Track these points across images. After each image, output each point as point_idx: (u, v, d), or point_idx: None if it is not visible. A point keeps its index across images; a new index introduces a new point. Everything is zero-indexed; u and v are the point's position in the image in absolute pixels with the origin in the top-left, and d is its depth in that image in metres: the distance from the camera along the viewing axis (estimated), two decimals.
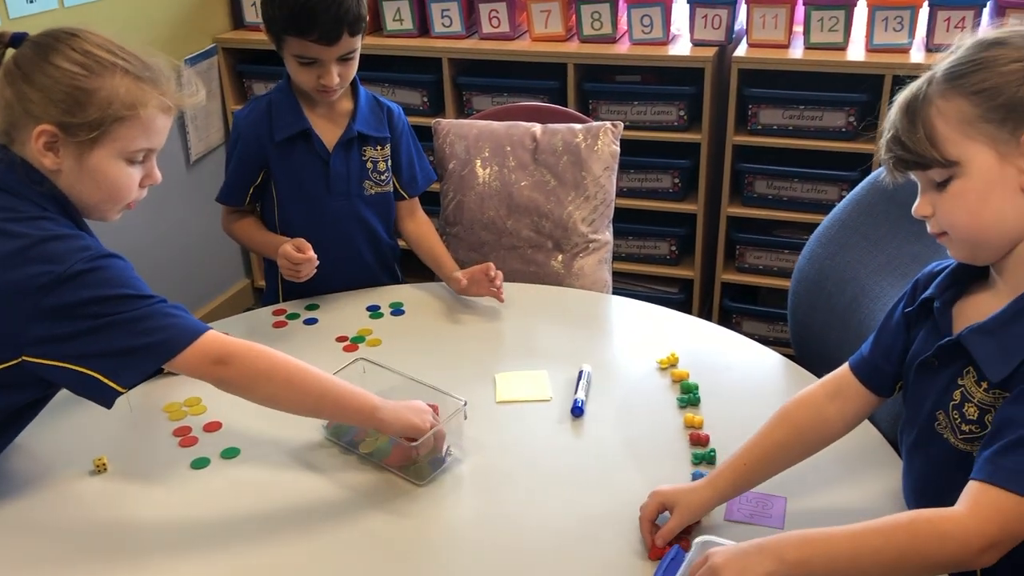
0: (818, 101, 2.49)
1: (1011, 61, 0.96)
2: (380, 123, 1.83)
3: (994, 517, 0.92)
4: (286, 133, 1.76)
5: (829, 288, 1.56)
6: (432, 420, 1.29)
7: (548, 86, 2.70)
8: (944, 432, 1.05)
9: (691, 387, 1.45)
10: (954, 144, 0.98)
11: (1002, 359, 0.98)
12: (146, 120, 1.22)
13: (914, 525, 0.94)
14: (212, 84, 3.00)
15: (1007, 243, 1.00)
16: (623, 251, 2.82)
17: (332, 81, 1.68)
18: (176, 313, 1.20)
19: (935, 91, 1.00)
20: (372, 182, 1.83)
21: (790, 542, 0.96)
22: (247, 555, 1.17)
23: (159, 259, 2.88)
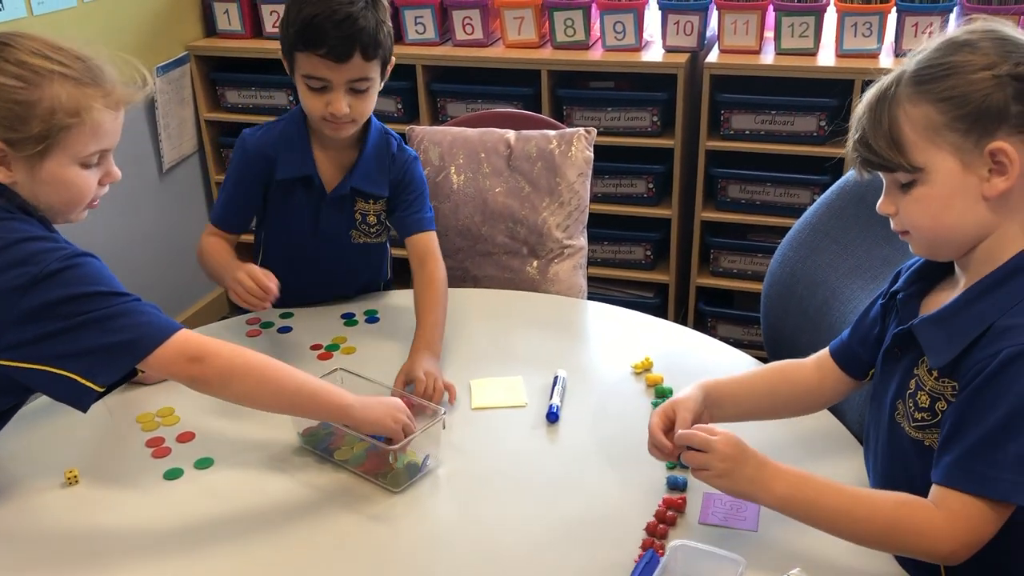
0: (789, 106, 2.51)
1: (979, 69, 0.96)
2: (381, 177, 1.71)
3: (965, 523, 0.96)
4: (289, 174, 1.67)
5: (800, 291, 1.58)
6: (406, 421, 1.29)
7: (522, 92, 2.71)
8: (901, 421, 1.08)
9: (665, 391, 1.46)
10: (920, 151, 0.99)
11: (946, 346, 1.01)
12: (93, 124, 1.19)
13: (898, 512, 0.99)
14: (185, 92, 2.98)
15: (967, 245, 1.03)
16: (598, 256, 2.83)
17: (340, 109, 1.55)
18: (151, 311, 1.19)
19: (903, 93, 1.00)
20: (360, 232, 1.76)
21: (785, 477, 1.03)
22: (222, 565, 1.16)
23: (132, 268, 2.85)
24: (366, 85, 1.58)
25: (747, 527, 1.18)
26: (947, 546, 0.96)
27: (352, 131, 1.64)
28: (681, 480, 1.26)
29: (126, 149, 3.07)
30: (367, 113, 1.64)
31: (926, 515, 0.97)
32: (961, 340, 0.99)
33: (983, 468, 0.94)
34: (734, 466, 1.04)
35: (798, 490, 1.02)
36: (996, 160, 0.96)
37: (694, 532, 1.18)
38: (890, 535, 0.99)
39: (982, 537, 0.96)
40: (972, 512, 0.95)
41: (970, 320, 1.00)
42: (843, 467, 1.28)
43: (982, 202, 0.99)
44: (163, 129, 2.90)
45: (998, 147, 0.96)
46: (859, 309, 1.20)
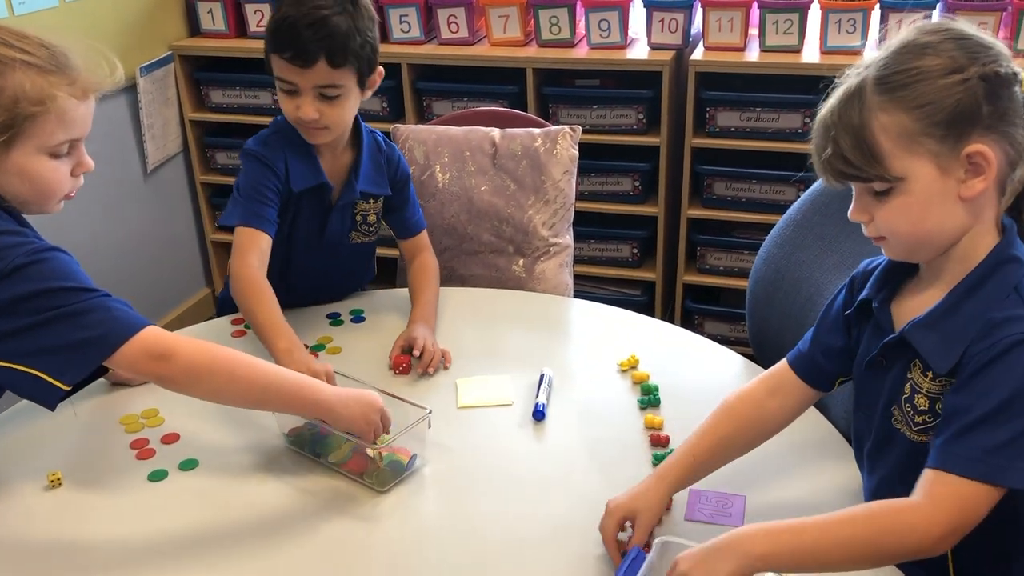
0: (774, 103, 2.52)
1: (948, 72, 0.96)
2: (381, 178, 1.72)
3: (952, 505, 0.94)
4: (303, 185, 1.63)
5: (785, 287, 1.58)
6: (378, 424, 1.28)
7: (508, 91, 2.71)
8: (900, 427, 1.07)
9: (651, 388, 1.46)
10: (898, 159, 0.98)
11: (945, 350, 1.00)
12: (59, 112, 1.17)
13: (878, 516, 0.96)
14: (169, 92, 2.97)
15: (945, 246, 1.03)
16: (585, 254, 2.83)
17: (307, 113, 1.53)
18: (118, 307, 1.17)
19: (873, 103, 0.99)
20: (359, 233, 1.76)
21: (756, 536, 0.97)
22: (207, 566, 1.16)
23: (117, 270, 2.84)
24: (336, 92, 1.54)
25: (733, 523, 1.18)
26: (936, 531, 0.94)
27: (327, 138, 1.61)
28: None
29: (109, 149, 3.06)
30: (342, 121, 1.60)
31: (906, 507, 0.96)
32: (961, 341, 0.99)
33: (971, 451, 0.94)
34: (703, 569, 0.96)
35: (775, 544, 0.97)
36: (972, 162, 0.97)
37: (680, 529, 1.18)
38: (880, 541, 0.96)
39: (968, 520, 0.95)
40: (961, 493, 0.94)
41: (964, 320, 0.99)
42: (831, 465, 1.28)
43: (959, 204, 0.99)
44: (147, 129, 2.88)
45: (975, 150, 0.96)
46: None
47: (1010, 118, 0.97)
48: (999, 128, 0.96)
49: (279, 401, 1.27)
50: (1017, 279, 0.99)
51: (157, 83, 2.91)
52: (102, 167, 1.31)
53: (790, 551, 0.96)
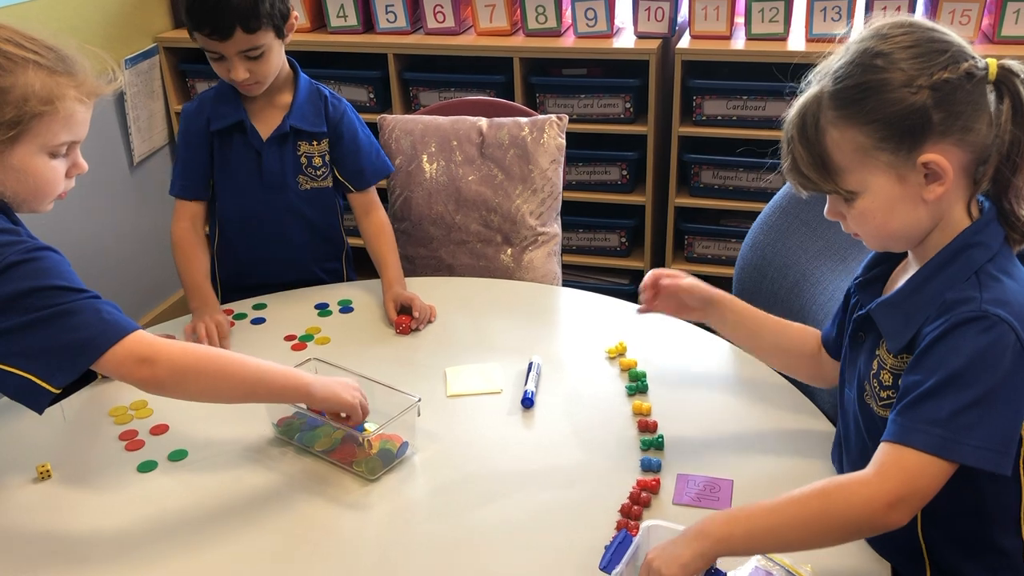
0: (761, 91, 2.53)
1: (900, 86, 0.97)
2: (317, 117, 1.80)
3: (896, 474, 0.95)
4: (221, 124, 1.77)
5: (771, 274, 1.59)
6: (362, 398, 1.31)
7: (495, 80, 2.71)
8: (870, 401, 1.10)
9: (639, 375, 1.47)
10: (852, 174, 1.01)
11: (902, 329, 1.03)
12: (65, 113, 1.19)
13: (828, 492, 0.98)
14: (154, 84, 2.95)
15: (916, 239, 1.05)
16: (573, 244, 2.83)
17: (239, 76, 1.67)
18: (108, 310, 1.17)
19: (828, 119, 1.00)
20: (307, 177, 1.82)
21: (715, 519, 1.00)
22: (198, 557, 1.16)
23: (103, 263, 2.83)
24: (259, 52, 1.66)
25: (720, 507, 1.19)
26: (880, 500, 0.94)
27: (261, 90, 1.74)
28: (655, 462, 1.27)
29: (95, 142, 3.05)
30: (271, 73, 1.72)
31: (854, 480, 0.97)
32: (916, 320, 1.01)
33: (917, 423, 0.96)
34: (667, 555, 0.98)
35: (733, 526, 0.98)
36: (929, 169, 0.98)
37: (668, 513, 1.19)
38: (830, 516, 0.97)
39: (915, 491, 0.95)
40: (905, 463, 0.95)
41: (923, 300, 1.02)
42: (818, 449, 1.29)
43: (923, 204, 1.01)
44: (133, 122, 2.87)
45: (928, 159, 0.97)
46: (829, 290, 1.21)
47: (965, 121, 0.97)
48: (954, 132, 0.97)
49: (267, 394, 1.28)
50: (979, 263, 1.00)
51: (142, 75, 2.89)
52: (88, 160, 1.31)
53: (746, 532, 0.98)
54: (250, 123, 1.77)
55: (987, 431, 0.95)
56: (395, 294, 1.71)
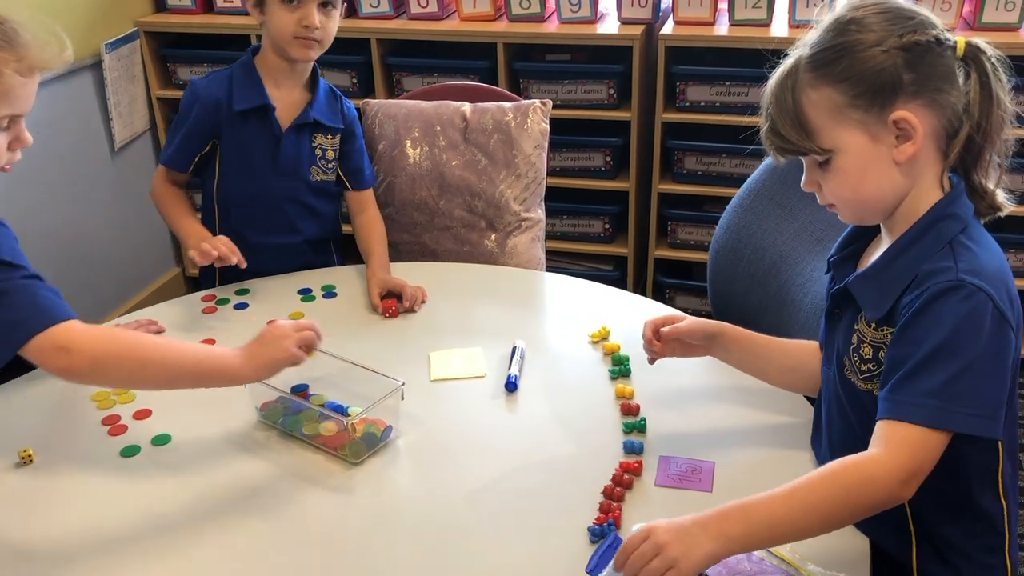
0: (744, 77, 2.53)
1: (870, 46, 1.01)
2: (335, 114, 1.85)
3: (907, 451, 0.98)
4: (246, 104, 1.77)
5: (747, 256, 1.60)
6: (300, 335, 1.27)
7: (478, 66, 2.70)
8: (851, 376, 1.11)
9: (622, 359, 1.48)
10: (827, 132, 1.04)
11: (879, 300, 1.05)
12: (3, 88, 1.16)
13: (842, 475, 0.99)
14: (135, 69, 2.93)
15: (890, 207, 1.08)
16: (557, 230, 2.84)
17: (314, 22, 1.68)
18: (44, 294, 1.15)
19: (804, 80, 1.04)
20: (319, 168, 1.85)
21: (732, 516, 0.97)
22: (181, 541, 1.16)
23: (85, 250, 2.81)
24: (333, 6, 1.72)
25: (702, 488, 1.20)
26: (896, 477, 0.96)
27: (317, 52, 1.75)
28: (638, 444, 1.28)
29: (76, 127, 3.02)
30: (332, 34, 1.75)
31: (865, 460, 0.99)
32: (893, 291, 1.04)
33: (912, 397, 0.98)
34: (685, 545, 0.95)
35: (750, 523, 0.97)
36: (900, 128, 1.02)
37: (650, 495, 1.20)
38: (848, 499, 0.98)
39: (924, 464, 0.98)
40: (911, 439, 0.97)
41: (898, 271, 1.04)
42: (798, 430, 1.31)
43: (895, 167, 1.04)
44: (114, 107, 2.85)
45: (899, 116, 1.01)
46: (806, 272, 1.23)
47: (935, 83, 1.01)
48: (925, 94, 1.01)
49: (190, 381, 1.26)
50: (952, 234, 1.03)
51: (123, 60, 2.87)
52: (69, 145, 1.30)
53: (766, 527, 0.97)
54: (274, 110, 1.78)
55: (977, 398, 0.97)
56: (380, 280, 1.73)
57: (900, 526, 1.12)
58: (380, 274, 1.75)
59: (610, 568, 1.01)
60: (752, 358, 1.31)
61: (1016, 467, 1.13)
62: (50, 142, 2.62)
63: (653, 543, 0.95)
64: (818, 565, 1.07)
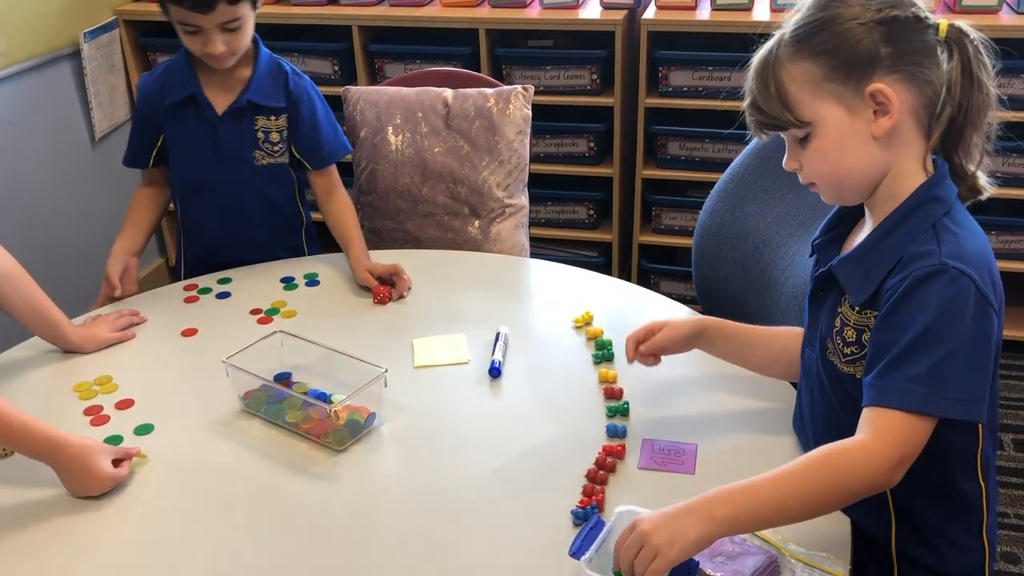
0: (726, 62, 2.53)
1: (848, 20, 1.02)
2: (277, 91, 1.77)
3: (895, 437, 0.98)
4: (174, 97, 1.75)
5: (731, 240, 1.61)
6: (112, 473, 1.21)
7: (461, 52, 2.69)
8: (833, 359, 1.12)
9: (605, 343, 1.48)
10: (806, 105, 1.05)
11: (863, 283, 1.06)
12: None
13: (829, 461, 0.99)
14: (115, 58, 2.90)
15: (869, 185, 1.08)
16: (542, 216, 2.83)
17: (216, 49, 1.64)
18: None
19: (784, 54, 1.05)
20: (263, 152, 1.79)
21: (716, 499, 0.98)
22: (164, 531, 1.16)
23: (66, 242, 2.79)
24: (237, 24, 1.65)
25: (684, 471, 1.21)
26: (884, 464, 0.98)
27: (232, 62, 1.71)
28: (621, 428, 1.28)
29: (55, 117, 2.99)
30: (244, 44, 1.70)
31: (852, 447, 1.00)
32: (877, 274, 1.04)
33: (899, 383, 0.99)
34: (669, 531, 0.96)
35: (736, 506, 0.98)
36: (877, 101, 1.02)
37: (633, 478, 1.21)
38: (835, 485, 0.99)
39: (912, 450, 0.99)
40: (898, 424, 0.98)
41: (883, 254, 1.05)
42: (781, 413, 1.32)
43: (873, 142, 1.04)
44: (93, 97, 2.82)
45: (875, 89, 1.01)
46: (788, 255, 1.23)
47: (913, 58, 1.02)
48: (902, 68, 1.02)
49: None
50: (936, 217, 1.04)
51: (102, 49, 2.84)
52: (47, 135, 1.29)
53: (752, 509, 0.98)
54: (203, 96, 1.74)
55: (962, 382, 0.98)
56: (369, 265, 1.71)
57: (880, 507, 1.13)
58: (365, 260, 1.73)
59: (592, 550, 1.02)
60: (737, 349, 1.32)
61: (995, 448, 1.14)
62: (28, 133, 2.60)
63: (637, 535, 0.97)
64: (800, 546, 1.07)
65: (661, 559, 0.94)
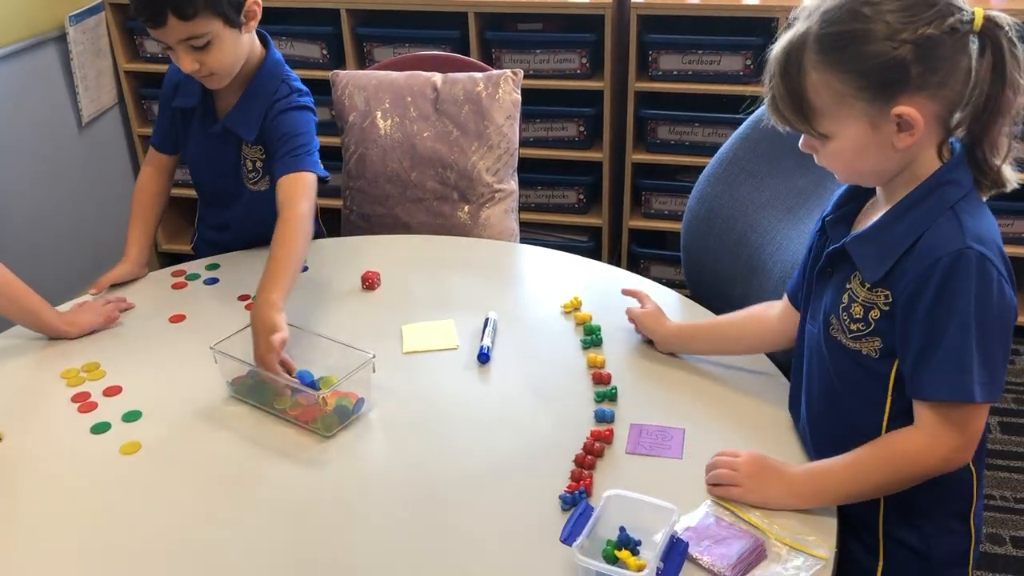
0: (715, 45, 2.53)
1: (883, 38, 0.98)
2: (252, 122, 1.66)
3: (944, 428, 1.03)
4: (181, 104, 1.72)
5: (719, 225, 1.61)
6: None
7: (450, 36, 2.68)
8: (837, 335, 1.13)
9: (593, 328, 1.48)
10: (827, 118, 1.03)
11: (878, 261, 1.06)
12: None
13: (893, 459, 1.07)
14: (101, 42, 2.88)
15: (887, 178, 1.08)
16: (532, 201, 2.83)
17: (185, 67, 1.54)
18: None
19: (809, 62, 1.02)
20: (247, 178, 1.75)
21: (799, 479, 1.12)
22: (153, 516, 1.16)
23: (54, 227, 2.78)
24: (203, 41, 1.52)
25: (672, 455, 1.22)
26: (939, 453, 1.04)
27: (220, 83, 1.62)
28: (609, 413, 1.29)
29: (42, 102, 2.97)
30: (224, 65, 1.58)
31: (909, 441, 1.06)
32: (893, 253, 1.05)
33: (940, 375, 1.02)
34: (760, 482, 1.11)
35: (820, 486, 1.11)
36: (901, 120, 1.00)
37: (621, 462, 1.21)
38: (896, 472, 1.07)
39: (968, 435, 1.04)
40: (946, 417, 1.03)
41: (898, 234, 1.05)
42: (768, 396, 1.32)
43: (893, 150, 1.03)
44: (80, 81, 2.80)
45: (902, 111, 1.00)
46: (777, 240, 1.23)
47: (942, 76, 0.99)
48: (929, 87, 0.99)
49: None
50: (954, 199, 1.04)
51: (88, 32, 2.82)
52: (33, 120, 1.28)
53: (833, 493, 1.11)
54: (207, 109, 1.70)
55: (990, 367, 1.01)
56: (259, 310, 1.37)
57: None
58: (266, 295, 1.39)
59: (583, 536, 1.02)
60: (712, 344, 1.39)
61: (986, 434, 1.15)
62: (14, 118, 2.58)
63: (735, 469, 1.12)
64: (785, 529, 1.08)
65: (739, 495, 1.11)
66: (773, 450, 1.19)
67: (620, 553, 1.01)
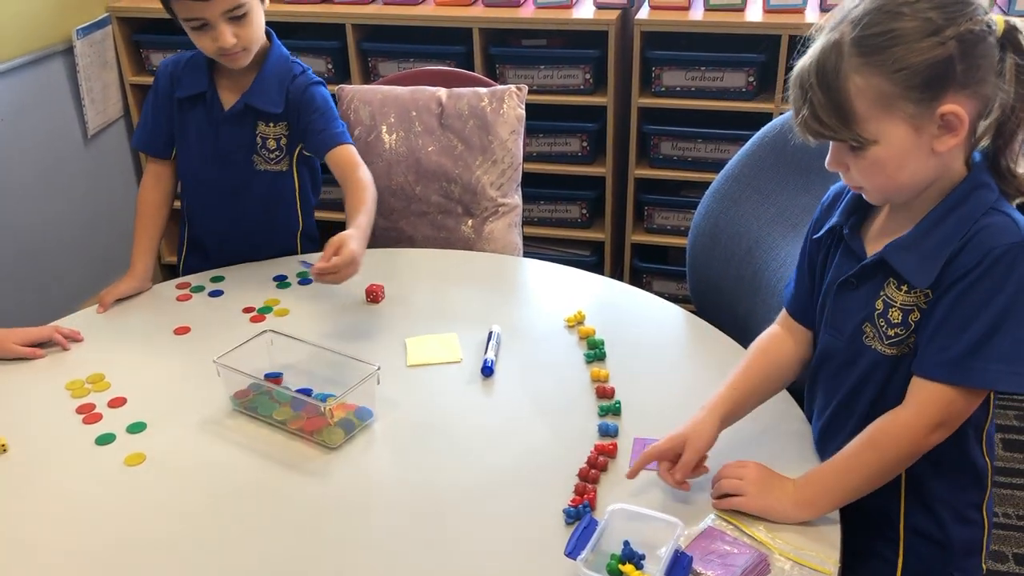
0: (719, 62, 2.54)
1: (925, 36, 0.97)
2: (278, 97, 1.74)
3: (930, 407, 1.05)
4: (186, 92, 1.74)
5: (724, 241, 1.61)
6: None
7: (454, 51, 2.70)
8: (872, 343, 1.12)
9: (597, 343, 1.49)
10: (873, 122, 1.00)
11: (925, 268, 1.05)
12: None
13: (875, 440, 1.08)
14: (107, 55, 2.89)
15: (920, 191, 1.07)
16: (535, 215, 2.84)
17: (227, 42, 1.61)
18: None
19: (850, 66, 0.99)
20: (261, 157, 1.78)
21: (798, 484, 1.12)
22: (156, 527, 1.16)
23: (58, 239, 2.79)
24: (243, 11, 1.61)
25: None
26: (918, 431, 1.05)
27: (247, 59, 1.69)
28: (612, 427, 1.29)
29: (48, 114, 2.98)
30: (255, 37, 1.67)
31: (893, 418, 1.07)
32: (940, 256, 1.04)
33: (936, 355, 1.03)
34: (764, 489, 1.12)
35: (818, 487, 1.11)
36: (946, 120, 0.99)
37: (625, 477, 1.21)
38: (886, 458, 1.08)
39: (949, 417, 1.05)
40: (934, 395, 1.04)
41: (942, 237, 1.04)
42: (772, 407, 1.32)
43: (933, 156, 1.02)
44: (86, 94, 2.81)
45: (949, 110, 0.99)
46: (781, 256, 1.23)
47: (982, 73, 0.99)
48: (971, 85, 0.99)
49: None
50: (991, 201, 1.04)
51: (95, 46, 2.84)
52: (39, 132, 1.29)
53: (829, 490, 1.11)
54: (215, 95, 1.74)
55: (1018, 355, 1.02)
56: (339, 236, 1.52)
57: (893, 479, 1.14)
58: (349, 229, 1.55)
59: (588, 550, 1.02)
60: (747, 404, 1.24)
61: (992, 426, 1.16)
62: (21, 129, 2.59)
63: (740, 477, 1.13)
64: (789, 544, 1.08)
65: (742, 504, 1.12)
66: (780, 461, 1.19)
67: (624, 567, 1.02)
